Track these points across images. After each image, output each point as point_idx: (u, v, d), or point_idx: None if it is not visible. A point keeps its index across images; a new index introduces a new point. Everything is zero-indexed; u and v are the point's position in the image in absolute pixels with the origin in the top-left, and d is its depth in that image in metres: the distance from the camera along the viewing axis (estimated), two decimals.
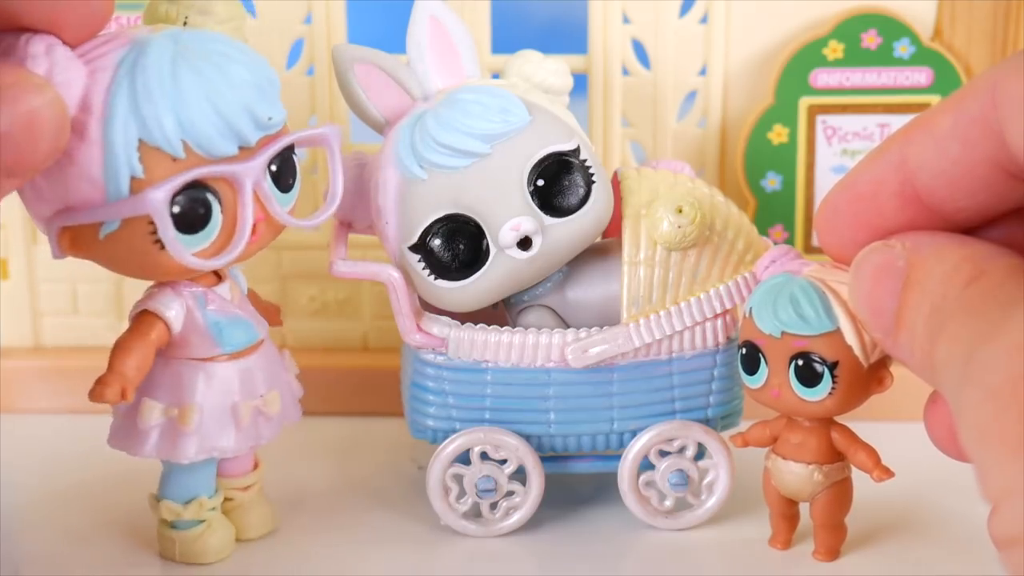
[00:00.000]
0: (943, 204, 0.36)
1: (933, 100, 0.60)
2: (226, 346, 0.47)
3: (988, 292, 0.32)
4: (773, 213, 0.61)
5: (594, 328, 0.49)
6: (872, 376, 0.45)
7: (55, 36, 0.42)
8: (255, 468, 0.51)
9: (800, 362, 0.45)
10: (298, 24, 0.61)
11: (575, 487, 0.54)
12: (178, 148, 0.42)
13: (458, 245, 0.48)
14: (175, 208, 0.43)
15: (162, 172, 0.42)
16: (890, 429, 0.52)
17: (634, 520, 0.51)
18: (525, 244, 0.48)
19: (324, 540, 0.51)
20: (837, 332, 0.44)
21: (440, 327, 0.50)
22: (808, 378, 0.45)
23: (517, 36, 0.57)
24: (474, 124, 0.48)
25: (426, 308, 0.51)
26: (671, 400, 0.50)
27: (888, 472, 0.47)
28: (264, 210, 0.45)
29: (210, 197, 0.43)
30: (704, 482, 0.51)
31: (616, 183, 0.51)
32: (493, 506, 0.51)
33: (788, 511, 0.49)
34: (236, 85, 0.43)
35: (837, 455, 0.47)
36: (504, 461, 0.51)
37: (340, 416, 0.61)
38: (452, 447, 0.50)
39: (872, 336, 0.39)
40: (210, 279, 0.48)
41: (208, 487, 0.49)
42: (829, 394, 0.45)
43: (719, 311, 0.50)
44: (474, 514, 0.51)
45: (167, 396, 0.47)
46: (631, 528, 0.51)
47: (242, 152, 0.44)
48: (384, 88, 0.49)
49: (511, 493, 0.51)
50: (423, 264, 0.48)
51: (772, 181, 0.61)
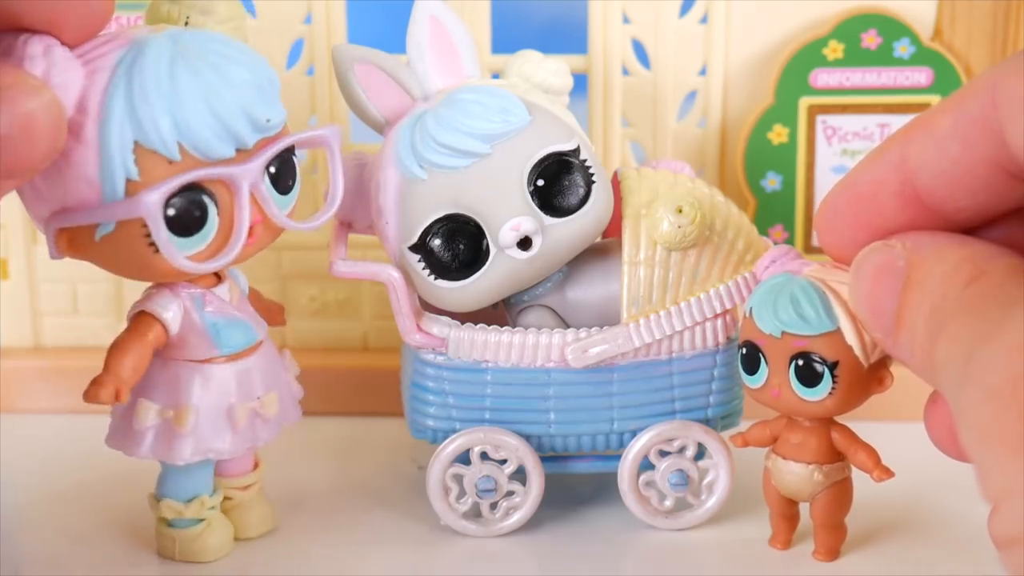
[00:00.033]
0: (943, 204, 0.36)
1: (933, 100, 0.60)
2: (224, 348, 0.47)
3: (988, 292, 0.32)
4: (773, 213, 0.61)
5: (594, 328, 0.49)
6: (872, 376, 0.45)
7: (55, 36, 0.42)
8: (255, 468, 0.51)
9: (800, 362, 0.45)
10: (298, 24, 0.61)
11: (575, 487, 0.54)
12: (174, 151, 0.42)
13: (458, 245, 0.48)
14: (170, 211, 0.43)
15: (158, 174, 0.42)
16: (890, 429, 0.52)
17: (634, 520, 0.51)
18: (525, 244, 0.48)
19: (324, 540, 0.51)
20: (837, 332, 0.44)
21: (440, 327, 0.50)
22: (808, 378, 0.45)
23: (517, 36, 0.57)
24: (474, 124, 0.48)
25: (426, 308, 0.51)
26: (671, 400, 0.50)
27: (888, 472, 0.47)
28: (262, 212, 0.45)
29: (206, 200, 0.43)
30: (704, 482, 0.51)
31: (616, 183, 0.51)
32: (493, 506, 0.51)
33: (788, 511, 0.49)
34: (234, 87, 0.43)
35: (837, 455, 0.48)
36: (504, 461, 0.51)
37: (340, 416, 0.61)
38: (452, 447, 0.50)
39: (872, 336, 0.39)
40: (209, 280, 0.47)
41: (207, 486, 0.49)
42: (829, 394, 0.45)
43: (719, 311, 0.50)
44: (474, 514, 0.51)
45: (163, 397, 0.47)
46: (631, 528, 0.51)
47: (239, 154, 0.44)
48: (384, 88, 0.49)
49: (511, 493, 0.51)
50: (423, 264, 0.48)
51: (772, 181, 0.61)
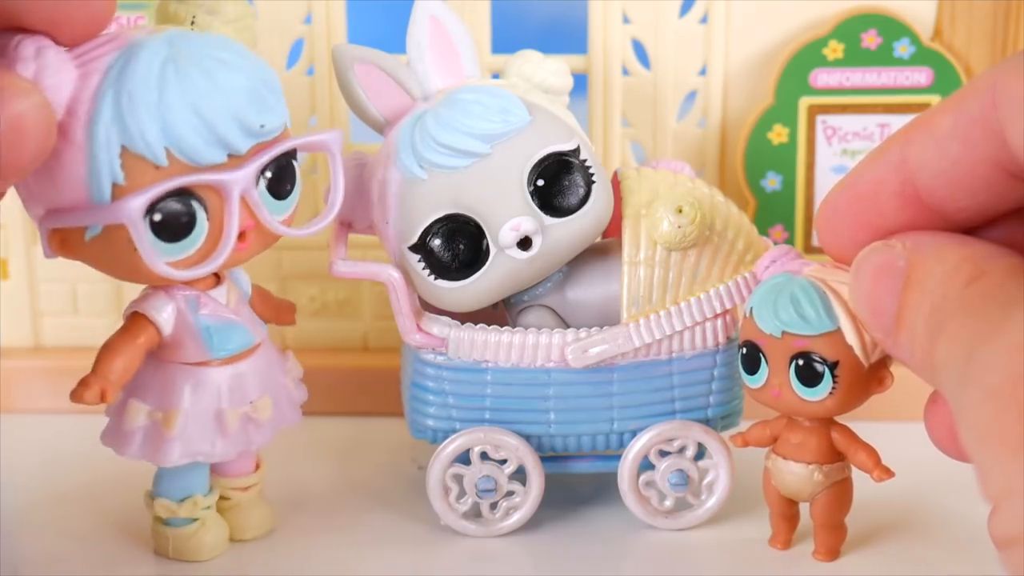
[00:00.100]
0: (943, 204, 0.36)
1: (933, 100, 0.60)
2: (217, 352, 0.47)
3: (988, 292, 0.32)
4: (773, 213, 0.61)
5: (594, 328, 0.49)
6: (872, 376, 0.45)
7: (56, 36, 0.42)
8: (256, 469, 0.51)
9: (800, 362, 0.45)
10: (298, 24, 0.61)
11: (575, 487, 0.54)
12: (160, 156, 0.42)
13: (458, 245, 0.48)
14: (156, 216, 0.42)
15: (144, 180, 0.42)
16: (890, 429, 0.52)
17: (634, 520, 0.51)
18: (525, 244, 0.48)
19: (324, 540, 0.51)
20: (837, 332, 0.44)
21: (440, 327, 0.50)
22: (808, 378, 0.45)
23: (517, 36, 0.57)
24: (474, 124, 0.48)
25: (426, 308, 0.51)
26: (671, 400, 0.50)
27: (888, 472, 0.47)
28: (255, 218, 0.45)
29: (195, 205, 0.43)
30: (704, 482, 0.51)
31: (616, 183, 0.51)
32: (493, 506, 0.51)
33: (788, 511, 0.49)
34: (225, 92, 0.42)
35: (837, 455, 0.48)
36: (504, 461, 0.51)
37: (340, 416, 0.61)
38: (452, 447, 0.50)
39: (872, 336, 0.39)
40: (207, 282, 0.47)
41: (202, 486, 0.49)
42: (829, 394, 0.45)
43: (719, 311, 0.50)
44: (474, 514, 0.51)
45: (153, 399, 0.47)
46: (631, 528, 0.51)
47: (231, 160, 0.43)
48: (384, 88, 0.49)
49: (511, 493, 0.51)
50: (423, 264, 0.48)
51: (772, 181, 0.61)
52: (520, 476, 0.51)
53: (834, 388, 0.45)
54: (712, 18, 0.60)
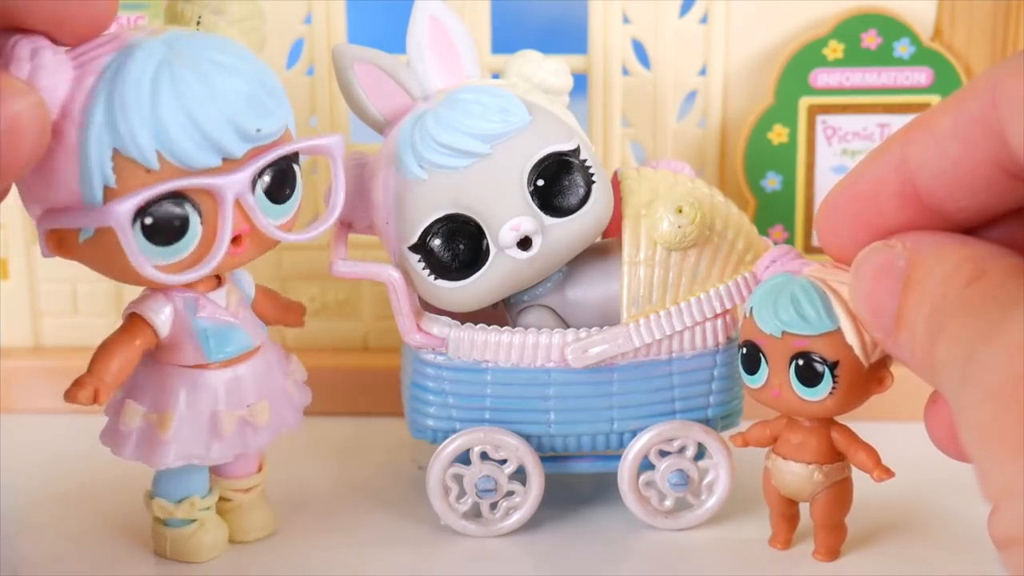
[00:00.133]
0: (943, 204, 0.36)
1: (933, 100, 0.60)
2: (214, 355, 0.47)
3: (988, 292, 0.32)
4: (773, 213, 0.61)
5: (594, 328, 0.49)
6: (872, 376, 0.45)
7: (57, 36, 0.41)
8: (258, 471, 0.51)
9: (800, 362, 0.45)
10: (298, 24, 0.61)
11: (575, 487, 0.54)
12: (152, 160, 0.42)
13: (458, 245, 0.48)
14: (148, 219, 0.42)
15: (135, 183, 0.42)
16: (890, 429, 0.51)
17: (634, 520, 0.51)
18: (525, 244, 0.48)
19: (324, 540, 0.51)
20: (837, 332, 0.44)
21: (440, 327, 0.50)
22: (808, 378, 0.45)
23: (517, 36, 0.57)
24: (474, 124, 0.48)
25: (426, 308, 0.51)
26: (671, 400, 0.50)
27: (888, 472, 0.47)
28: (250, 222, 0.44)
29: (189, 209, 0.43)
30: (704, 482, 0.51)
31: (616, 183, 0.51)
32: (493, 506, 0.51)
33: (788, 511, 0.49)
34: (220, 96, 0.42)
35: (837, 455, 0.47)
36: (504, 461, 0.51)
37: (340, 416, 0.61)
38: (452, 447, 0.50)
39: (872, 336, 0.39)
40: (207, 284, 0.47)
41: (200, 487, 0.49)
42: (829, 394, 0.45)
43: (719, 311, 0.50)
44: (474, 514, 0.51)
45: (150, 401, 0.47)
46: (631, 528, 0.51)
47: (226, 164, 0.43)
48: (384, 88, 0.49)
49: (511, 493, 0.51)
50: (423, 264, 0.48)
51: (772, 181, 0.61)
52: (520, 476, 0.51)
53: (834, 388, 0.45)
54: (712, 18, 0.60)
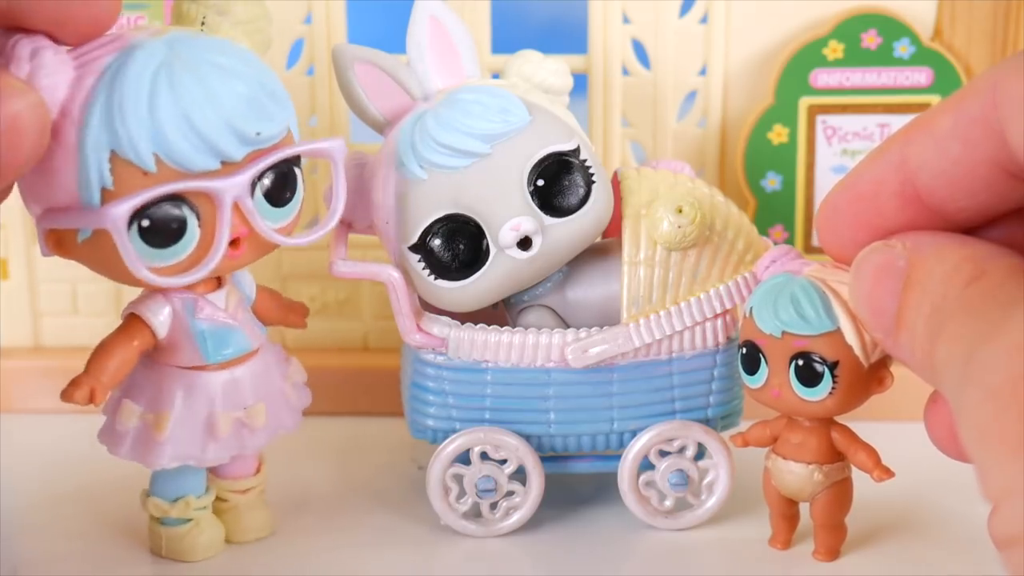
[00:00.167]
0: (943, 204, 0.36)
1: (933, 100, 0.60)
2: (212, 357, 0.47)
3: (988, 292, 0.32)
4: (773, 213, 0.61)
5: (594, 328, 0.49)
6: (872, 376, 0.45)
7: (59, 35, 0.41)
8: (257, 472, 0.51)
9: (800, 362, 0.45)
10: (298, 24, 0.61)
11: (575, 487, 0.54)
12: (149, 162, 0.41)
13: (458, 245, 0.48)
14: (145, 222, 0.42)
15: (132, 185, 0.42)
16: (890, 429, 0.51)
17: (634, 520, 0.51)
18: (525, 244, 0.48)
19: (324, 540, 0.51)
20: (837, 332, 0.44)
21: (440, 327, 0.50)
22: (808, 378, 0.45)
23: (517, 36, 0.57)
24: (474, 124, 0.48)
25: (426, 308, 0.51)
26: (671, 400, 0.50)
27: (888, 472, 0.47)
28: (248, 225, 0.44)
29: (186, 212, 0.42)
30: (704, 482, 0.51)
31: (616, 183, 0.51)
32: (493, 506, 0.51)
33: (788, 511, 0.49)
34: (218, 99, 0.42)
35: (837, 455, 0.47)
36: (504, 461, 0.51)
37: (340, 416, 0.61)
38: (452, 447, 0.50)
39: (872, 336, 0.39)
40: (206, 285, 0.47)
41: (196, 487, 0.49)
42: (829, 394, 0.45)
43: (719, 311, 0.50)
44: (474, 514, 0.51)
45: (146, 401, 0.47)
46: (631, 528, 0.51)
47: (225, 167, 0.43)
48: (384, 88, 0.49)
49: (511, 493, 0.51)
50: (423, 264, 0.48)
51: (772, 181, 0.61)
52: (520, 476, 0.51)
53: (834, 388, 0.45)
54: (712, 18, 0.60)
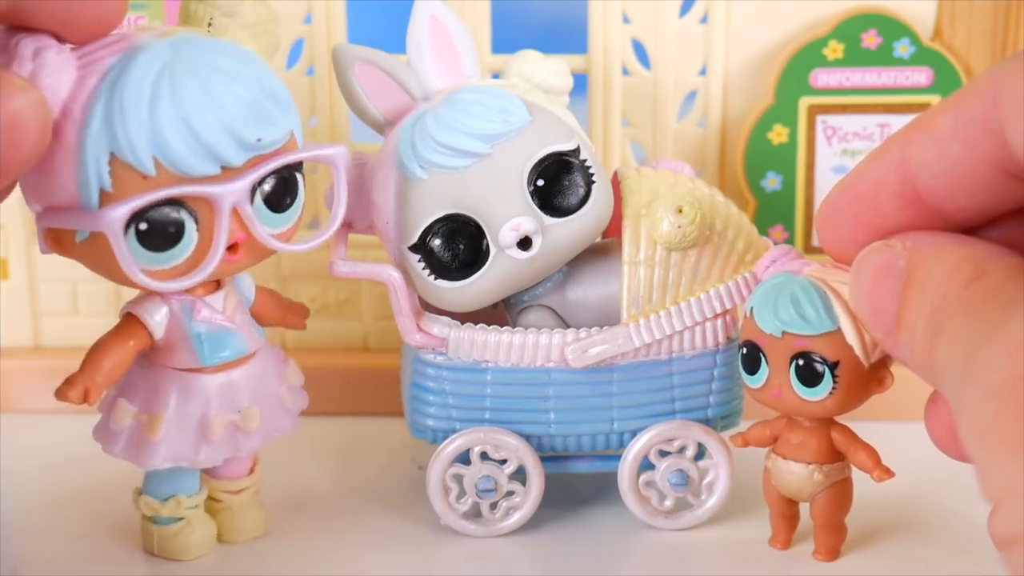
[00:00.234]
0: (944, 204, 0.36)
1: (933, 100, 0.60)
2: (208, 360, 0.47)
3: (988, 292, 0.32)
4: (773, 213, 0.61)
5: (594, 328, 0.49)
6: (872, 376, 0.45)
7: (65, 35, 0.41)
8: (250, 473, 0.51)
9: (801, 362, 0.45)
10: (298, 24, 0.61)
11: (575, 487, 0.54)
12: (148, 166, 0.41)
13: (458, 245, 0.48)
14: (143, 225, 0.42)
15: (131, 188, 0.42)
16: (890, 429, 0.51)
17: (634, 520, 0.51)
18: (525, 244, 0.48)
19: (324, 540, 0.51)
20: (838, 332, 0.44)
21: (440, 327, 0.50)
22: (809, 378, 0.45)
23: (517, 36, 0.57)
24: (474, 124, 0.48)
25: (426, 308, 0.51)
26: (671, 400, 0.50)
27: (888, 472, 0.47)
28: (247, 231, 0.44)
29: (185, 216, 0.42)
30: (704, 482, 0.51)
31: (616, 183, 0.51)
32: (493, 506, 0.51)
33: (788, 511, 0.49)
34: (219, 104, 0.42)
35: (837, 455, 0.47)
36: (504, 461, 0.51)
37: (340, 416, 0.61)
38: (452, 447, 0.50)
39: (873, 336, 0.39)
40: (206, 287, 0.46)
41: (189, 486, 0.49)
42: (829, 394, 0.45)
43: (719, 311, 0.50)
44: (474, 514, 0.51)
45: (141, 401, 0.47)
46: (631, 528, 0.51)
47: (225, 172, 0.43)
48: (384, 88, 0.49)
49: (511, 493, 0.51)
50: (423, 264, 0.48)
51: (772, 181, 0.61)
52: (520, 476, 0.51)
53: (834, 388, 0.45)
54: (712, 18, 0.60)
